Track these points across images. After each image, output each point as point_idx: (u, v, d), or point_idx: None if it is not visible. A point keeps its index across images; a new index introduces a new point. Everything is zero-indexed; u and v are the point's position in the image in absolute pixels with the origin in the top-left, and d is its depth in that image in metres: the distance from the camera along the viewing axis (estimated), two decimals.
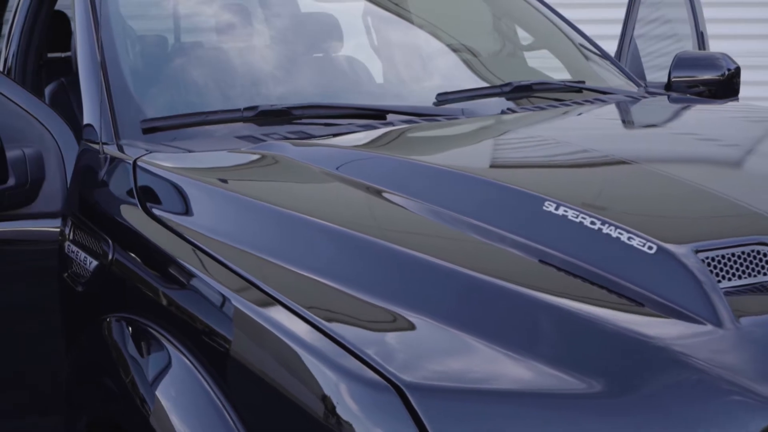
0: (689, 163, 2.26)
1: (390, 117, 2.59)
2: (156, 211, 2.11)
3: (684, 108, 3.03)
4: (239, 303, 1.71)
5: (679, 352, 1.47)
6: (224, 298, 1.75)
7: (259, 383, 1.62)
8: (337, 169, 2.10)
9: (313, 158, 2.18)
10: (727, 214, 1.81)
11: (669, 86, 3.55)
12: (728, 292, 1.59)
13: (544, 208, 1.76)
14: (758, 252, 1.66)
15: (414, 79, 3.16)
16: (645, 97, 3.10)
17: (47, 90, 3.29)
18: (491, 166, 2.26)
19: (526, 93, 2.92)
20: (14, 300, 2.53)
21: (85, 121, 2.50)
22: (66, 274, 2.33)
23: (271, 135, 2.41)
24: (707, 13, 5.66)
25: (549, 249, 1.69)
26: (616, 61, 3.59)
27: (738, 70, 3.75)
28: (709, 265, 1.62)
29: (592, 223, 1.70)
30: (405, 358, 1.49)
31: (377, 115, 2.60)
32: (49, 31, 3.45)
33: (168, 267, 1.96)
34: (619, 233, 1.66)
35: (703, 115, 2.97)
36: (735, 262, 1.64)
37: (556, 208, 1.75)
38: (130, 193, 2.22)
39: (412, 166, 2.08)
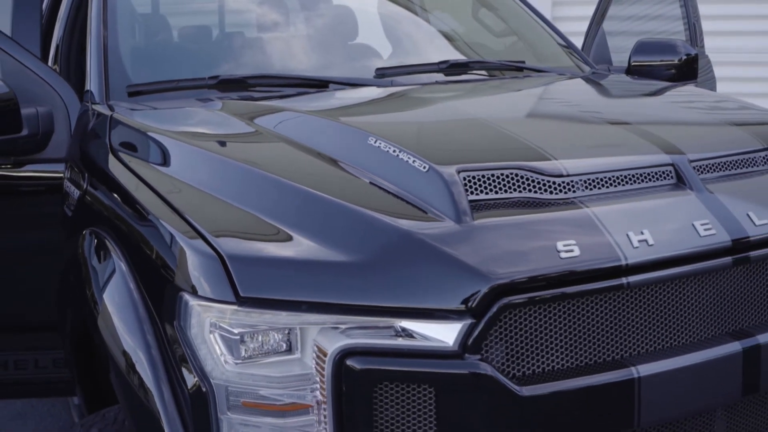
0: (524, 118, 2.74)
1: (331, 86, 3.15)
2: (120, 152, 2.75)
3: (595, 84, 3.44)
4: (152, 211, 2.32)
5: (424, 241, 2.00)
6: (144, 211, 2.36)
7: (154, 269, 2.22)
8: (242, 116, 2.70)
9: (230, 110, 2.80)
10: (508, 147, 2.32)
11: (629, 70, 3.97)
12: (477, 203, 2.10)
13: (368, 141, 2.32)
14: (516, 175, 2.17)
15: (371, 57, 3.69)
16: (577, 77, 3.54)
17: None
18: (355, 115, 2.81)
19: (462, 69, 3.42)
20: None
21: (86, 87, 3.18)
22: (65, 205, 3.00)
23: (223, 98, 3.01)
24: (713, 9, 5.93)
25: (366, 170, 2.24)
26: (575, 46, 4.03)
27: (696, 56, 4.13)
28: (468, 182, 2.13)
29: (394, 151, 2.24)
30: (233, 238, 2.08)
31: (320, 84, 3.16)
32: None
33: (117, 190, 2.59)
34: (408, 157, 2.20)
35: (602, 89, 3.38)
36: (494, 181, 2.15)
37: (375, 141, 2.30)
38: (105, 138, 2.86)
39: (291, 113, 2.68)
